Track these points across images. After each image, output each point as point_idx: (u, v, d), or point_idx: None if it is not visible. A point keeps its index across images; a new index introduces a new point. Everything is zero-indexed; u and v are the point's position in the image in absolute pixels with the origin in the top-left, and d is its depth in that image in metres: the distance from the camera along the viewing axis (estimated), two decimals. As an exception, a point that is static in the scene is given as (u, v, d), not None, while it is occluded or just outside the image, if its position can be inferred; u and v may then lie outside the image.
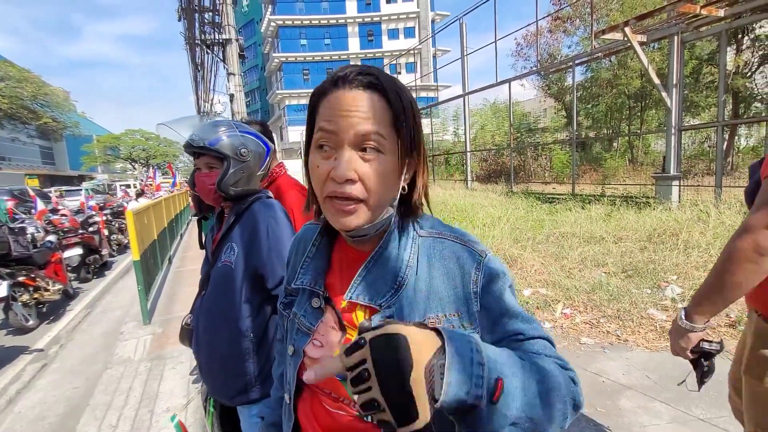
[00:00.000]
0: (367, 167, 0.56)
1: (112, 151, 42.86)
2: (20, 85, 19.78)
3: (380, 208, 0.59)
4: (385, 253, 0.62)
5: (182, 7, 10.77)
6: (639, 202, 6.65)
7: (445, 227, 0.66)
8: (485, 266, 0.60)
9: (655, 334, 2.94)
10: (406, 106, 0.58)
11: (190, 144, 1.21)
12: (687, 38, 6.68)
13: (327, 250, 0.71)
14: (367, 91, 0.56)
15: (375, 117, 0.55)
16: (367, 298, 0.61)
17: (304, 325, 0.68)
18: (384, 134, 0.56)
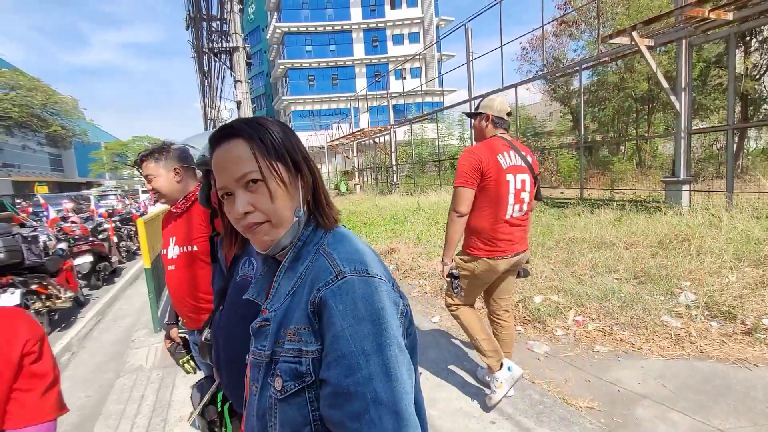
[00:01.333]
0: (257, 196, 0.65)
1: (120, 157, 43.37)
2: (31, 93, 20.12)
3: (283, 222, 0.67)
4: (291, 266, 0.69)
5: (190, 15, 10.92)
6: (649, 207, 6.59)
7: (344, 246, 0.66)
8: (329, 288, 0.59)
9: (670, 342, 2.90)
10: (270, 137, 0.67)
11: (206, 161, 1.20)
12: (695, 41, 6.64)
13: (275, 267, 0.77)
14: (230, 142, 0.67)
15: (241, 159, 0.65)
16: (273, 305, 0.67)
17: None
18: (255, 166, 0.65)
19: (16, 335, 0.82)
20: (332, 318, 0.57)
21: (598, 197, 8.46)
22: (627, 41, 6.76)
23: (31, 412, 0.81)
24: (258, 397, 0.64)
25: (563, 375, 2.69)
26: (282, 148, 0.68)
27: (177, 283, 1.78)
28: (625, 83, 13.70)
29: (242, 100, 10.38)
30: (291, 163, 0.69)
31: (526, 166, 2.25)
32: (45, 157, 41.35)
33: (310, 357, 0.59)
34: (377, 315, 0.58)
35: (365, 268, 0.62)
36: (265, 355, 0.64)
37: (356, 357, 0.55)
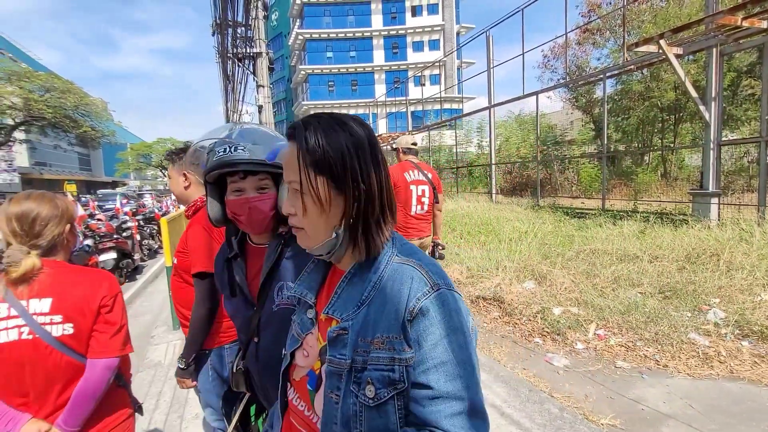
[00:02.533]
0: (298, 203, 0.68)
1: (144, 158, 44.72)
2: (64, 95, 20.98)
3: (318, 234, 0.68)
4: (358, 273, 0.70)
5: (216, 22, 11.23)
6: (675, 220, 6.38)
7: (421, 256, 0.69)
8: (428, 299, 0.62)
9: (697, 361, 2.79)
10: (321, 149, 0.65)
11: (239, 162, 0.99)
12: (726, 50, 6.44)
13: (324, 269, 0.80)
14: (291, 143, 0.69)
15: (290, 166, 0.67)
16: (337, 313, 0.68)
17: (296, 332, 0.78)
18: (298, 179, 0.66)
19: (97, 292, 1.15)
20: (431, 327, 0.61)
21: (621, 208, 8.25)
22: (654, 49, 6.61)
23: (102, 348, 1.14)
24: (341, 405, 0.65)
25: (583, 390, 2.61)
26: (328, 162, 0.65)
27: (171, 290, 1.80)
28: (650, 92, 13.37)
29: (264, 104, 10.58)
30: (335, 179, 0.66)
31: (426, 180, 3.34)
32: (74, 157, 43.01)
33: (404, 365, 0.61)
34: (465, 327, 0.63)
35: (451, 283, 0.66)
36: (346, 363, 0.64)
37: (455, 365, 0.60)
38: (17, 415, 1.07)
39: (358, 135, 0.68)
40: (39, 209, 1.15)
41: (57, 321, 1.10)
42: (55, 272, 1.13)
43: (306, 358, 0.75)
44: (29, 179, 30.72)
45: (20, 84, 19.50)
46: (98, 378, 1.13)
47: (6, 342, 1.06)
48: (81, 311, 1.12)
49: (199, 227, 1.61)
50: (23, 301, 1.08)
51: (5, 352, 1.06)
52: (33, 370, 1.08)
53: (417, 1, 36.72)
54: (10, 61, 21.75)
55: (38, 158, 35.36)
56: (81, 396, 1.11)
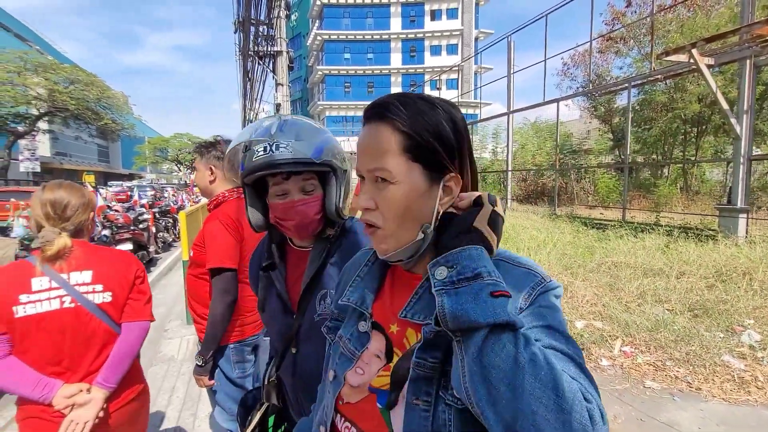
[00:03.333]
0: (381, 194, 0.58)
1: (161, 152, 45.46)
2: (87, 88, 21.39)
3: (404, 232, 0.58)
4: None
5: (239, 20, 11.34)
6: (700, 235, 6.17)
7: (514, 254, 0.61)
8: (542, 286, 0.56)
9: (733, 385, 2.64)
10: (414, 132, 0.56)
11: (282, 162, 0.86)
12: (760, 62, 6.23)
13: (380, 272, 0.69)
14: (374, 124, 0.59)
15: (379, 151, 0.57)
16: (421, 316, 0.59)
17: (348, 350, 0.66)
18: (390, 166, 0.56)
19: (131, 266, 1.35)
20: (549, 313, 0.54)
21: (642, 221, 8.03)
22: (684, 59, 6.43)
23: (137, 313, 1.33)
24: (432, 412, 0.57)
25: (611, 410, 2.50)
26: (432, 148, 0.57)
27: (186, 284, 1.78)
28: (674, 103, 13.07)
29: (282, 102, 10.62)
30: (436, 165, 0.58)
31: None
32: (94, 148, 43.90)
33: None
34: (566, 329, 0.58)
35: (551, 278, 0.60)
36: (438, 367, 0.57)
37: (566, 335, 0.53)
38: (51, 382, 1.17)
39: (455, 117, 0.59)
40: (70, 197, 1.28)
41: (98, 290, 1.25)
42: (87, 249, 1.29)
43: (361, 375, 0.65)
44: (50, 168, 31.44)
45: (46, 75, 19.97)
46: (135, 338, 1.30)
47: (48, 311, 1.18)
48: (119, 282, 1.30)
49: (216, 222, 1.59)
50: (64, 274, 1.21)
51: (47, 320, 1.18)
52: (72, 336, 1.21)
53: (436, 6, 36.71)
54: (37, 53, 22.30)
55: (59, 148, 36.18)
56: (120, 355, 1.26)
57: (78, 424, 1.16)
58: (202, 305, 1.72)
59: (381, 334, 0.65)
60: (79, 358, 1.22)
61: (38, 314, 1.17)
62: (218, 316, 1.54)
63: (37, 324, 1.17)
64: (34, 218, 1.26)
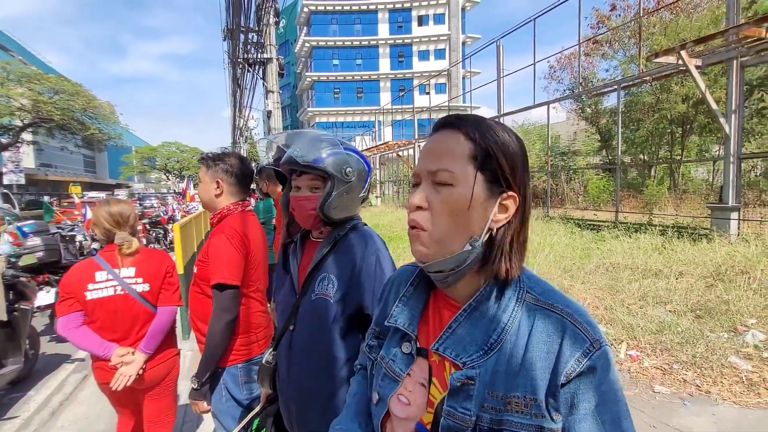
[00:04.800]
0: (437, 196, 0.57)
1: (149, 161, 44.85)
2: (72, 98, 21.03)
3: (448, 240, 0.57)
4: (480, 308, 0.58)
5: (228, 27, 11.25)
6: (693, 234, 6.23)
7: (558, 298, 0.58)
8: (592, 358, 0.53)
9: (742, 387, 2.63)
10: (484, 142, 0.57)
11: (291, 161, 1.07)
12: (747, 63, 6.35)
13: (425, 293, 0.67)
14: (444, 131, 0.60)
15: (446, 154, 0.58)
16: (453, 353, 0.57)
17: (392, 371, 0.64)
18: (454, 168, 0.57)
19: (164, 263, 1.79)
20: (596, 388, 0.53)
21: (634, 221, 8.10)
22: (673, 60, 6.52)
23: (167, 299, 1.77)
24: None
25: (623, 416, 2.46)
26: (497, 160, 0.57)
27: (189, 301, 1.74)
28: (660, 104, 13.30)
29: (273, 109, 10.54)
30: (497, 180, 0.57)
31: None
32: (80, 159, 43.15)
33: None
34: (621, 391, 0.55)
35: (603, 336, 0.56)
36: (470, 420, 0.54)
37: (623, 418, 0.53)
38: (109, 345, 1.65)
39: (521, 143, 0.61)
40: (129, 209, 1.78)
41: (139, 282, 1.71)
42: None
43: (406, 406, 0.62)
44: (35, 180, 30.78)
45: (30, 86, 19.59)
46: (166, 318, 1.74)
47: (106, 296, 1.66)
48: (154, 275, 1.74)
49: (222, 237, 1.53)
50: (116, 270, 1.69)
51: (105, 303, 1.66)
52: (122, 315, 1.68)
53: (423, 11, 37.02)
54: (21, 63, 21.89)
55: (44, 160, 35.47)
56: (155, 330, 1.70)
57: (125, 376, 1.62)
58: (205, 323, 1.64)
59: (425, 360, 0.62)
60: (128, 331, 1.69)
61: (100, 298, 1.65)
62: (217, 335, 1.48)
63: (99, 305, 1.65)
64: (102, 226, 1.71)
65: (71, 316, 1.64)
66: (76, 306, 1.65)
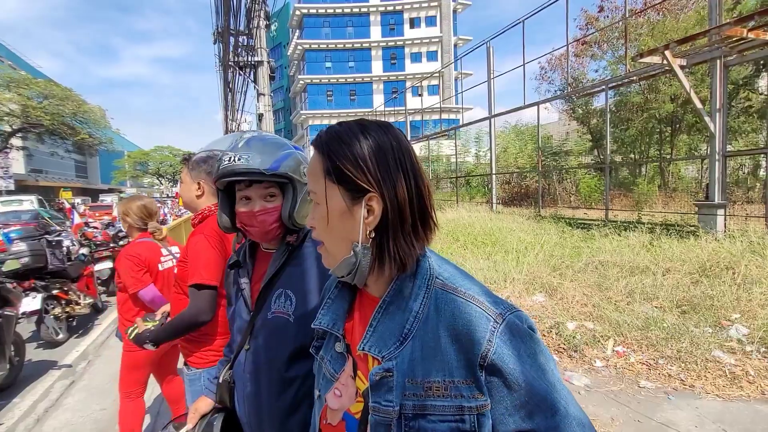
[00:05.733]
0: (314, 215, 0.64)
1: (141, 166, 44.51)
2: (62, 103, 20.85)
3: (338, 250, 0.62)
4: (395, 301, 0.61)
5: (218, 30, 11.22)
6: (681, 231, 6.31)
7: (463, 281, 0.60)
8: (497, 337, 0.54)
9: (725, 381, 2.66)
10: (335, 155, 0.60)
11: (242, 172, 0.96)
12: (730, 62, 6.45)
13: (349, 293, 0.70)
14: (314, 152, 0.64)
15: (311, 175, 0.64)
16: (375, 349, 0.60)
17: (329, 371, 0.68)
18: (315, 188, 0.63)
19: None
20: (516, 366, 0.53)
21: (624, 219, 8.18)
22: (658, 60, 6.61)
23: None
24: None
25: (608, 412, 2.48)
26: (348, 172, 0.59)
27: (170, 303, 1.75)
28: (649, 104, 13.46)
29: (264, 112, 10.52)
30: (355, 188, 0.59)
31: None
32: (71, 164, 42.70)
33: (475, 413, 0.53)
34: (541, 345, 0.56)
35: (507, 302, 0.58)
36: (394, 411, 0.56)
37: (551, 393, 0.53)
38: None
39: (380, 140, 0.61)
40: (152, 203, 2.26)
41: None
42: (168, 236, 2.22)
43: (339, 398, 0.66)
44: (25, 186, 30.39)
45: (18, 91, 19.38)
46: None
47: (167, 268, 2.20)
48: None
49: (201, 237, 1.53)
50: (170, 248, 2.28)
51: (166, 272, 2.19)
52: (170, 283, 2.04)
53: (415, 14, 37.18)
54: (9, 68, 21.65)
55: (34, 165, 35.05)
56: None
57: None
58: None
59: (350, 356, 0.66)
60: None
61: (164, 269, 2.19)
62: (181, 328, 1.48)
63: (163, 274, 2.17)
64: (133, 218, 2.18)
65: (152, 286, 2.10)
66: (149, 278, 2.11)
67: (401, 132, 0.65)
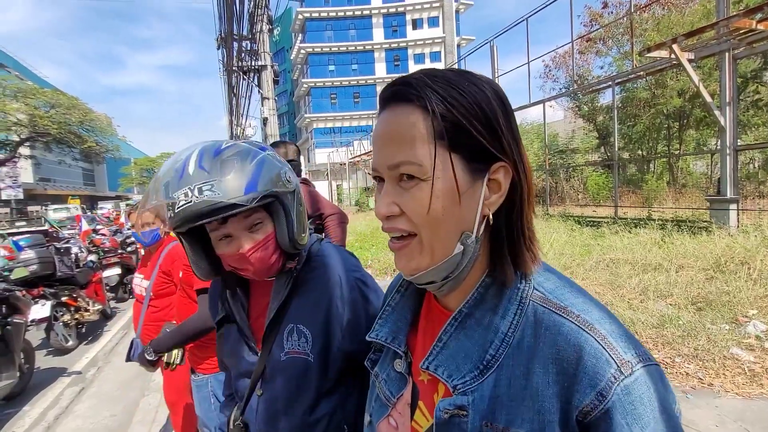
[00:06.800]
0: (409, 196, 0.44)
1: (148, 172, 44.95)
2: (69, 111, 21.14)
3: (441, 243, 0.45)
4: (474, 314, 0.47)
5: (222, 36, 11.30)
6: (692, 227, 6.20)
7: (575, 299, 0.45)
8: (615, 395, 0.38)
9: (745, 378, 2.58)
10: (449, 112, 0.43)
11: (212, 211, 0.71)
12: (739, 55, 6.34)
13: (415, 300, 0.57)
14: (395, 107, 0.45)
15: (404, 140, 0.44)
16: (446, 373, 0.46)
17: (384, 393, 0.55)
18: (418, 158, 0.43)
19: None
20: (624, 428, 0.38)
21: (634, 216, 8.08)
22: (666, 55, 6.52)
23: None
24: None
25: (625, 413, 2.42)
26: (472, 131, 0.43)
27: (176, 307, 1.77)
28: (656, 99, 13.32)
29: (269, 116, 10.56)
30: (478, 156, 0.44)
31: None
32: (78, 172, 43.24)
33: None
34: (676, 422, 0.41)
35: (643, 350, 0.42)
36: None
37: None
38: None
39: (499, 91, 0.46)
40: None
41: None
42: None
43: (395, 430, 0.53)
44: (33, 195, 30.81)
45: (26, 101, 19.68)
46: None
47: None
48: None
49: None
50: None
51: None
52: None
53: (417, 15, 37.21)
54: (17, 78, 21.99)
55: (42, 174, 35.53)
56: None
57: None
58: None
59: (411, 378, 0.54)
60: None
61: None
62: (189, 331, 1.48)
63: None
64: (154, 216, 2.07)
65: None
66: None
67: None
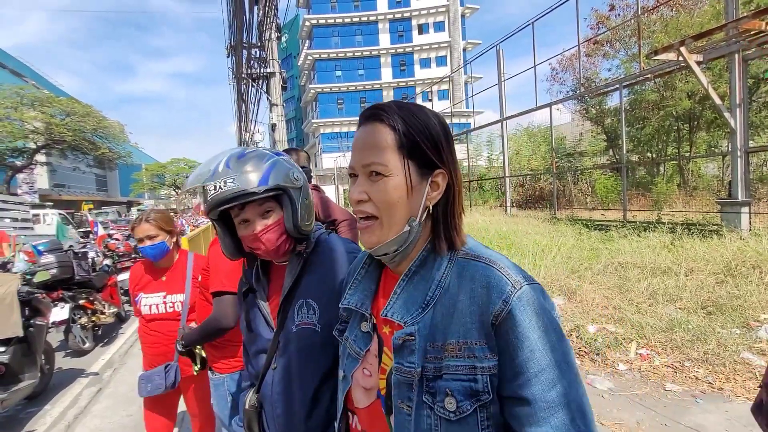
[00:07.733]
0: (376, 187, 0.62)
1: (158, 178, 45.56)
2: (83, 119, 21.57)
3: (395, 224, 0.62)
4: (419, 271, 0.64)
5: (231, 44, 11.50)
6: (703, 230, 6.14)
7: (488, 250, 0.64)
8: (513, 300, 0.55)
9: (755, 383, 2.58)
10: (413, 130, 0.61)
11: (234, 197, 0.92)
12: (748, 56, 6.30)
13: (376, 273, 0.73)
14: (372, 124, 0.63)
15: (375, 147, 0.62)
16: (398, 315, 0.62)
17: (354, 350, 0.70)
18: (384, 160, 0.61)
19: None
20: (524, 332, 0.54)
21: (643, 219, 8.02)
22: (673, 57, 6.51)
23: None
24: (414, 417, 0.59)
25: (634, 416, 2.43)
26: (422, 146, 0.62)
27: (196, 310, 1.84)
28: (665, 101, 13.20)
29: (277, 122, 10.69)
30: (425, 164, 0.62)
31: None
32: (91, 178, 44.00)
33: (487, 373, 0.55)
34: (556, 321, 0.57)
35: (529, 276, 0.59)
36: (416, 372, 0.59)
37: (555, 368, 0.54)
38: None
39: (442, 120, 0.65)
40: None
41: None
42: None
43: (369, 377, 0.68)
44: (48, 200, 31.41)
45: (42, 109, 20.15)
46: None
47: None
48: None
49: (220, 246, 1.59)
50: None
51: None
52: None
53: (423, 20, 37.37)
54: (34, 88, 22.54)
55: (57, 180, 36.24)
56: None
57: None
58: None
59: (375, 334, 0.68)
60: None
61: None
62: (205, 333, 1.55)
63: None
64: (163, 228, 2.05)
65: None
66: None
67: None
